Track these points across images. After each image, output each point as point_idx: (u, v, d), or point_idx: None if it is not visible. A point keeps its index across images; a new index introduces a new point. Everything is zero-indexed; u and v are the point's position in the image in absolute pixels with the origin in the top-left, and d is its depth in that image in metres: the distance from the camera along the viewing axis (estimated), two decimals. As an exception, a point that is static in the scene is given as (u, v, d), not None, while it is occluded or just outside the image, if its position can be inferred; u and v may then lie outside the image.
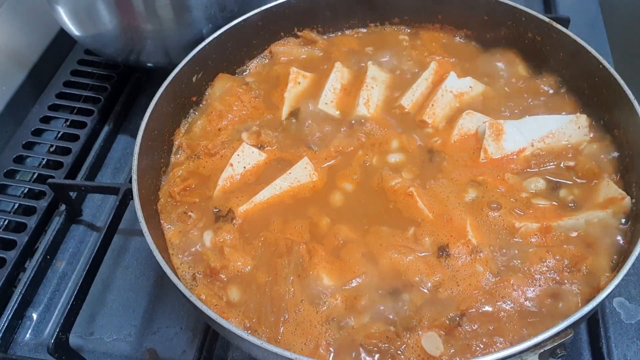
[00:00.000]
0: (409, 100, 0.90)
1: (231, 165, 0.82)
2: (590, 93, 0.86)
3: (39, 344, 0.85)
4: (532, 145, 0.82)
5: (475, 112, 0.86)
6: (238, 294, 0.71)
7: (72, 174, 1.04)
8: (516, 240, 0.73)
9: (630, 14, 1.32)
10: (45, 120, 1.12)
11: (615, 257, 0.71)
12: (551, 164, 0.81)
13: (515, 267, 0.71)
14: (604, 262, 0.71)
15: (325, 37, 1.02)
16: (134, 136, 0.78)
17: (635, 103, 0.76)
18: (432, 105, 0.88)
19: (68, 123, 1.12)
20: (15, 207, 1.00)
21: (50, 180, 0.96)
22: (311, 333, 0.67)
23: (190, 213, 0.79)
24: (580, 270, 0.70)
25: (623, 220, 0.74)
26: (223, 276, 0.72)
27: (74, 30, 1.03)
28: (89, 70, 1.20)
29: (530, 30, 0.92)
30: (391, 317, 0.67)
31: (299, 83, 0.93)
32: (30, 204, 0.99)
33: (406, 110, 0.90)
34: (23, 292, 0.87)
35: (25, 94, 1.15)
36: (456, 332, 0.66)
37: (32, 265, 0.90)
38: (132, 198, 0.72)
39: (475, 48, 0.99)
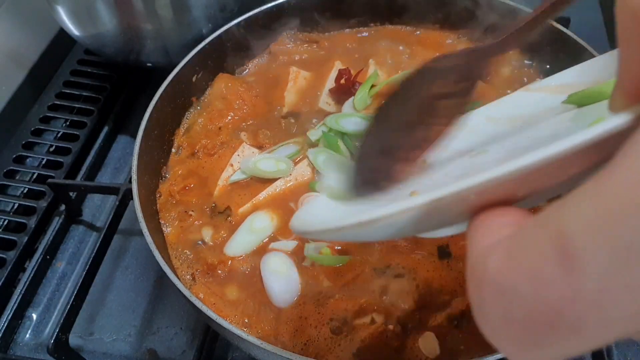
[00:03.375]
0: (409, 100, 0.90)
1: (231, 165, 0.82)
2: (591, 93, 0.86)
3: (38, 344, 0.85)
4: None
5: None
6: (237, 293, 0.71)
7: (71, 174, 1.04)
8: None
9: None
10: (45, 120, 1.12)
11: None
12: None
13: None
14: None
15: (325, 36, 1.02)
16: (134, 136, 0.78)
17: (636, 103, 0.75)
18: (432, 105, 0.88)
19: (68, 123, 1.12)
20: (15, 207, 1.00)
21: (50, 180, 0.95)
22: (310, 333, 0.67)
23: (190, 212, 0.79)
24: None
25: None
26: (220, 272, 0.72)
27: (73, 30, 1.03)
28: (89, 70, 1.20)
29: (531, 30, 0.92)
30: (390, 317, 0.67)
31: (298, 82, 0.93)
32: (30, 204, 0.99)
33: (406, 110, 0.90)
34: (23, 292, 0.87)
35: (25, 94, 1.15)
36: (455, 332, 0.66)
37: (31, 265, 0.90)
38: (132, 198, 0.72)
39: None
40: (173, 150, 0.88)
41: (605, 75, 0.54)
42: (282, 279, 0.70)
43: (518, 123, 0.61)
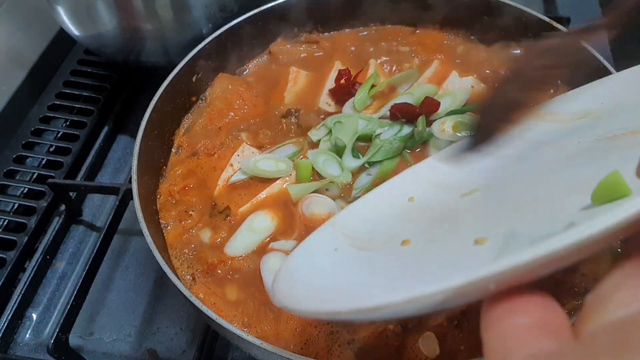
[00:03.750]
0: (409, 100, 0.90)
1: (231, 165, 0.82)
2: (591, 93, 0.86)
3: (38, 344, 0.85)
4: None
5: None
6: (237, 292, 0.71)
7: (72, 174, 1.04)
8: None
9: (631, 14, 1.32)
10: (45, 120, 1.12)
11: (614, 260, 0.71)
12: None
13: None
14: (603, 267, 0.70)
15: (326, 36, 1.02)
16: (134, 136, 0.78)
17: (636, 103, 0.75)
18: (432, 105, 0.88)
19: (68, 123, 1.12)
20: (15, 207, 1.00)
21: (50, 180, 0.96)
22: (311, 333, 0.67)
23: (190, 212, 0.79)
24: (579, 273, 0.70)
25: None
26: (220, 272, 0.72)
27: (73, 30, 1.03)
28: (89, 70, 1.20)
29: (531, 30, 0.92)
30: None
31: (298, 82, 0.93)
32: (30, 204, 0.99)
33: (406, 110, 0.89)
34: (23, 292, 0.87)
35: (25, 94, 1.15)
36: (455, 332, 0.66)
37: (31, 265, 0.90)
38: (132, 198, 0.72)
39: (476, 48, 0.99)
40: (173, 150, 0.88)
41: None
42: None
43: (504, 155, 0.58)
